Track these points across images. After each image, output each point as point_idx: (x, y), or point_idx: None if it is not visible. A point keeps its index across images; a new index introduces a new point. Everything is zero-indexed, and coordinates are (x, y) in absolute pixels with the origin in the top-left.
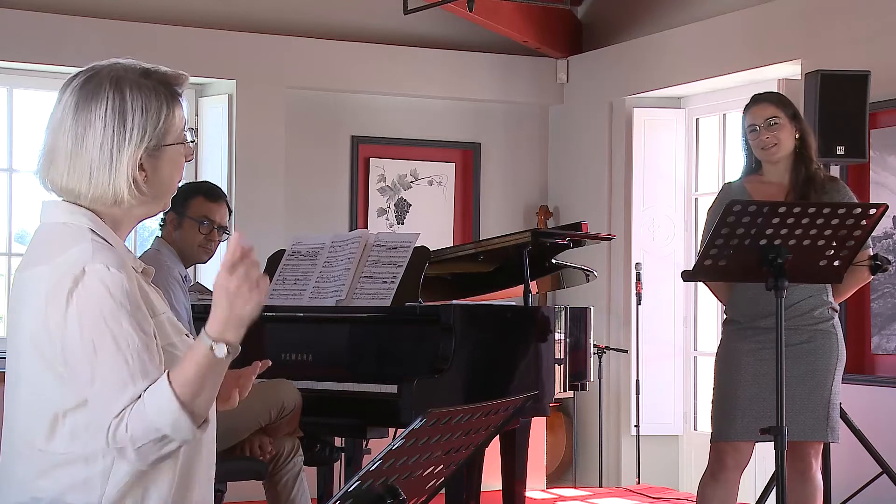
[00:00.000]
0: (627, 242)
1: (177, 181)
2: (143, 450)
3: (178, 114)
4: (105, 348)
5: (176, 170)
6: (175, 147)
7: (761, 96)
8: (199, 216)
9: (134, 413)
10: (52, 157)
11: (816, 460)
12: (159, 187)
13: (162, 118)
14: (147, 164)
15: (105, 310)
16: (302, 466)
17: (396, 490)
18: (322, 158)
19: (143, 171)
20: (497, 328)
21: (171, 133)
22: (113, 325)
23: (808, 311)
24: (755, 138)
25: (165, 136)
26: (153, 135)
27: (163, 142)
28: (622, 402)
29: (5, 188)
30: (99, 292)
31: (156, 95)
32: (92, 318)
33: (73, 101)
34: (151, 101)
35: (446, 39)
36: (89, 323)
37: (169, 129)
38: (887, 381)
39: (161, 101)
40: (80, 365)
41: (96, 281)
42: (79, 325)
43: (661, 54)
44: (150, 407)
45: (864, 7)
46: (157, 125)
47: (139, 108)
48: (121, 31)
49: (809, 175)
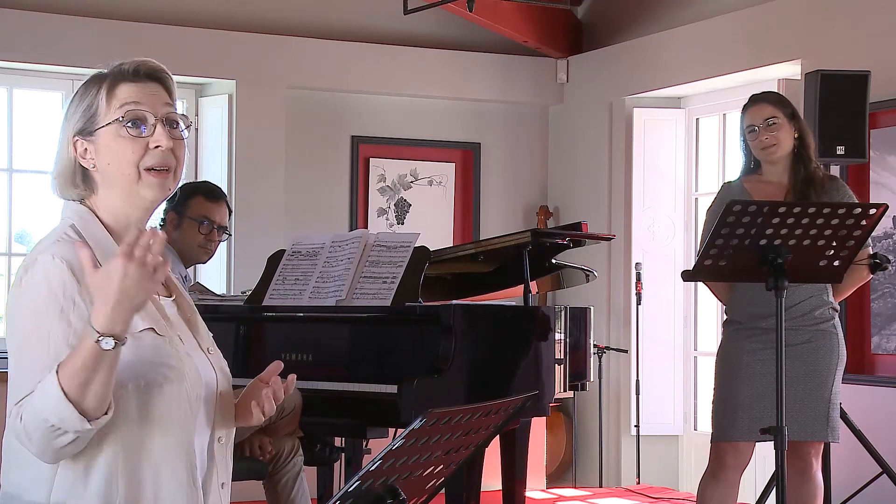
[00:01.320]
0: (627, 242)
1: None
2: (37, 441)
3: (114, 95)
4: (30, 337)
5: (118, 152)
6: (110, 127)
7: (759, 96)
8: (198, 216)
9: (26, 403)
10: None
11: (817, 460)
12: (106, 171)
13: (95, 102)
14: (89, 150)
15: (38, 299)
16: (302, 466)
17: (396, 490)
18: (322, 158)
19: (90, 158)
20: (497, 328)
21: (102, 114)
22: (42, 315)
23: (808, 312)
24: (754, 139)
25: (95, 118)
26: (81, 116)
27: (93, 124)
28: (622, 402)
29: (5, 188)
30: (37, 281)
31: (97, 82)
32: (28, 306)
33: None
34: (90, 89)
35: (446, 39)
36: (25, 311)
37: (99, 109)
38: (887, 381)
39: (99, 86)
40: (11, 350)
41: (40, 270)
42: (17, 312)
43: (661, 54)
44: (37, 397)
45: (864, 7)
46: (87, 106)
47: (79, 95)
48: (121, 31)
49: (809, 174)
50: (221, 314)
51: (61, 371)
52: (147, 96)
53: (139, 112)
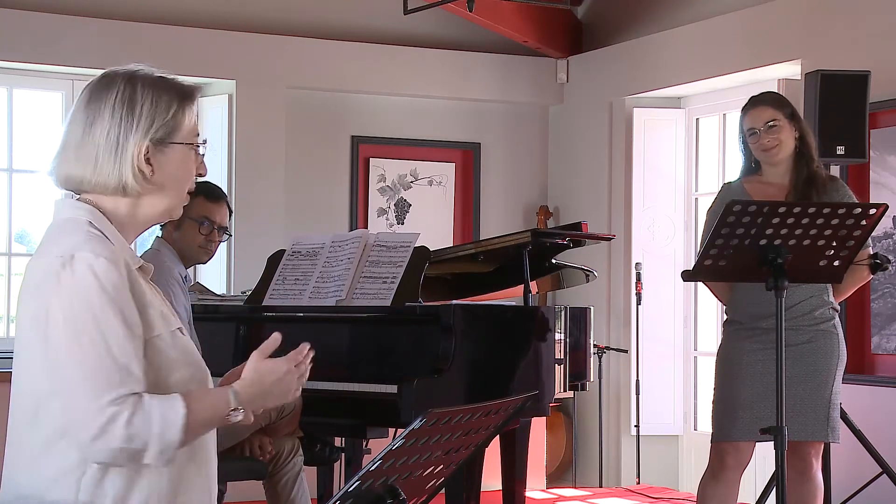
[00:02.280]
0: (627, 242)
1: (184, 183)
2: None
3: (188, 115)
4: (89, 335)
5: (184, 171)
6: (184, 147)
7: (758, 98)
8: (199, 216)
9: (138, 415)
10: (63, 150)
11: (817, 460)
12: (165, 182)
13: (171, 112)
14: (154, 158)
15: (93, 296)
16: (302, 466)
17: (396, 490)
18: (322, 158)
19: (150, 165)
20: (497, 328)
21: (180, 131)
22: (99, 313)
23: (808, 312)
24: (756, 141)
25: (174, 133)
26: (161, 126)
27: (171, 137)
28: (622, 402)
29: (5, 188)
30: (87, 279)
31: (166, 91)
32: (79, 303)
33: (85, 95)
34: (162, 96)
35: (446, 39)
36: (76, 308)
37: (178, 126)
38: (887, 381)
39: (172, 97)
40: (61, 349)
41: (84, 267)
42: (64, 309)
43: (661, 54)
44: (156, 422)
45: (864, 7)
46: (165, 118)
47: (149, 100)
48: (121, 31)
49: (811, 174)
50: (221, 314)
51: (190, 413)
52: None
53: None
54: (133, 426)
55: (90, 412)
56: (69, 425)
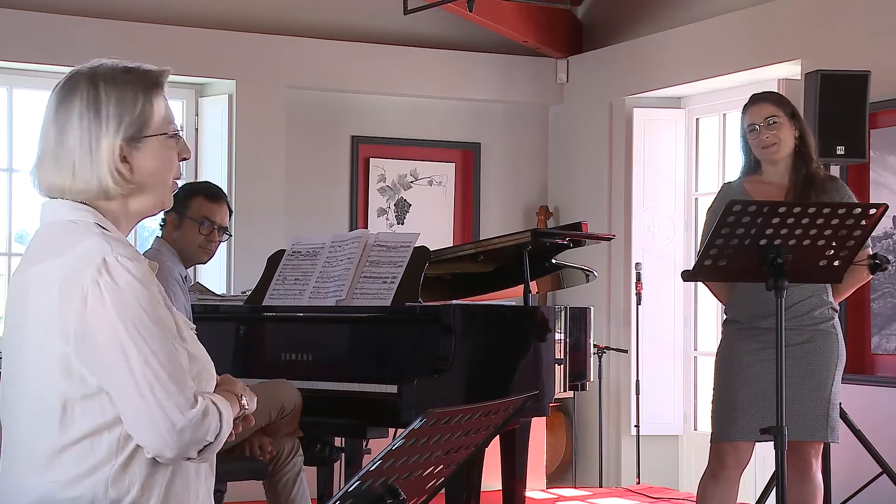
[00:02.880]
0: (627, 242)
1: (168, 175)
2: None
3: (158, 105)
4: (151, 333)
5: (163, 163)
6: (158, 138)
7: (760, 96)
8: (199, 216)
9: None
10: (41, 160)
11: (816, 460)
12: (145, 179)
13: (138, 107)
14: (130, 156)
15: (140, 297)
16: (302, 466)
17: (396, 490)
18: (322, 158)
19: (128, 163)
20: (497, 328)
21: (150, 124)
22: (151, 312)
23: (808, 312)
24: (755, 138)
25: (144, 127)
26: (130, 124)
27: (142, 132)
28: (622, 402)
29: (5, 188)
30: (129, 281)
31: (131, 86)
32: (127, 305)
33: (53, 102)
34: (126, 92)
35: (446, 39)
36: (125, 310)
37: (148, 119)
38: (887, 381)
39: (137, 90)
40: (111, 352)
41: (122, 270)
42: (110, 313)
43: (661, 54)
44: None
45: (864, 7)
46: (133, 114)
47: (114, 98)
48: (121, 31)
49: (810, 174)
50: (221, 314)
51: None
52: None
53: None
54: (205, 423)
55: (180, 410)
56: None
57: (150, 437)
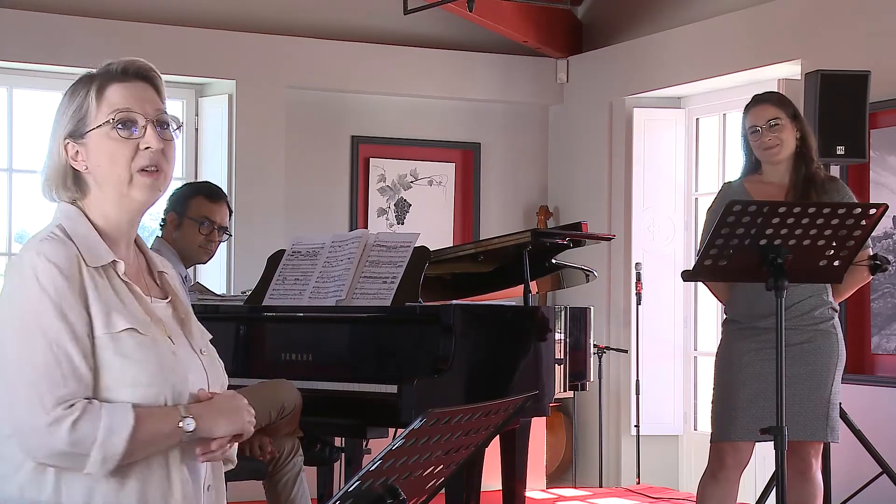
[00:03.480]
0: (627, 242)
1: (115, 167)
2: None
3: (108, 95)
4: (34, 337)
5: (108, 154)
6: (101, 129)
7: (762, 97)
8: (199, 217)
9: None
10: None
11: (817, 460)
12: (96, 174)
13: (85, 103)
14: (80, 152)
15: (33, 298)
16: (302, 466)
17: (396, 490)
18: (322, 158)
19: (82, 160)
20: (497, 328)
21: (91, 117)
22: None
23: (808, 312)
24: (757, 139)
25: (84, 121)
26: (72, 119)
27: (83, 128)
28: (622, 402)
29: (5, 188)
30: (29, 281)
31: (86, 83)
32: (23, 305)
33: None
34: (79, 89)
35: (446, 39)
36: (21, 310)
37: (88, 112)
38: (887, 381)
39: (90, 86)
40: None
41: (28, 270)
42: (12, 310)
43: (661, 54)
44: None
45: (864, 7)
46: (77, 110)
47: (67, 99)
48: (121, 32)
49: (810, 175)
50: (221, 314)
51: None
52: (136, 97)
53: (129, 114)
54: (78, 431)
55: (36, 413)
56: (16, 425)
57: (13, 431)
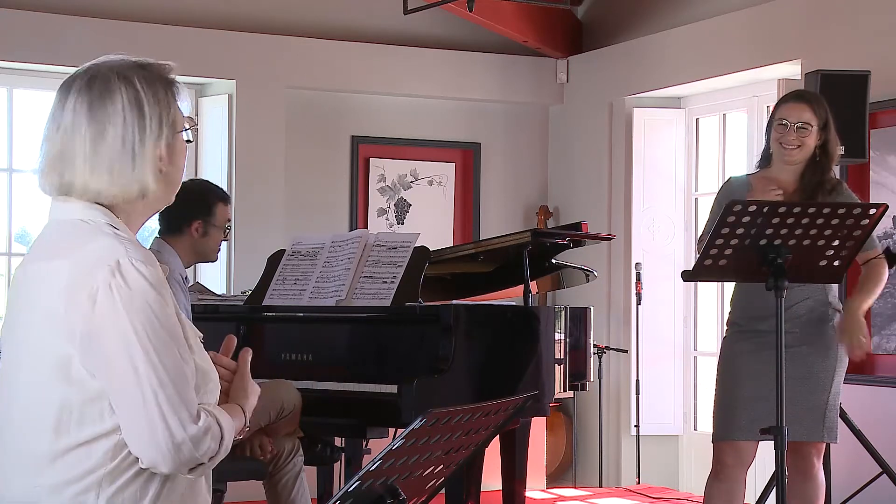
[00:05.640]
0: (627, 242)
1: (183, 169)
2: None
3: (178, 100)
4: (161, 341)
5: (183, 160)
6: (182, 135)
7: (803, 95)
8: (223, 223)
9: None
10: (66, 161)
11: (818, 459)
12: (173, 175)
13: (170, 104)
14: (164, 156)
15: (153, 303)
16: (302, 466)
17: (396, 490)
18: (322, 158)
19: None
20: (497, 328)
21: (179, 122)
22: (162, 318)
23: (807, 312)
24: (781, 133)
25: (176, 124)
26: (168, 122)
27: (176, 129)
28: (622, 402)
29: (5, 188)
30: (141, 285)
31: (161, 83)
32: (138, 310)
33: (84, 101)
34: (158, 89)
35: (446, 39)
36: (136, 315)
37: (177, 115)
38: (887, 381)
39: (165, 87)
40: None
41: (135, 274)
42: (121, 316)
43: (661, 54)
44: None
45: (864, 7)
46: (169, 112)
47: (153, 99)
48: (121, 31)
49: (820, 182)
50: (221, 314)
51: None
52: None
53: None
54: (215, 437)
55: (186, 424)
56: (163, 442)
57: (148, 448)
